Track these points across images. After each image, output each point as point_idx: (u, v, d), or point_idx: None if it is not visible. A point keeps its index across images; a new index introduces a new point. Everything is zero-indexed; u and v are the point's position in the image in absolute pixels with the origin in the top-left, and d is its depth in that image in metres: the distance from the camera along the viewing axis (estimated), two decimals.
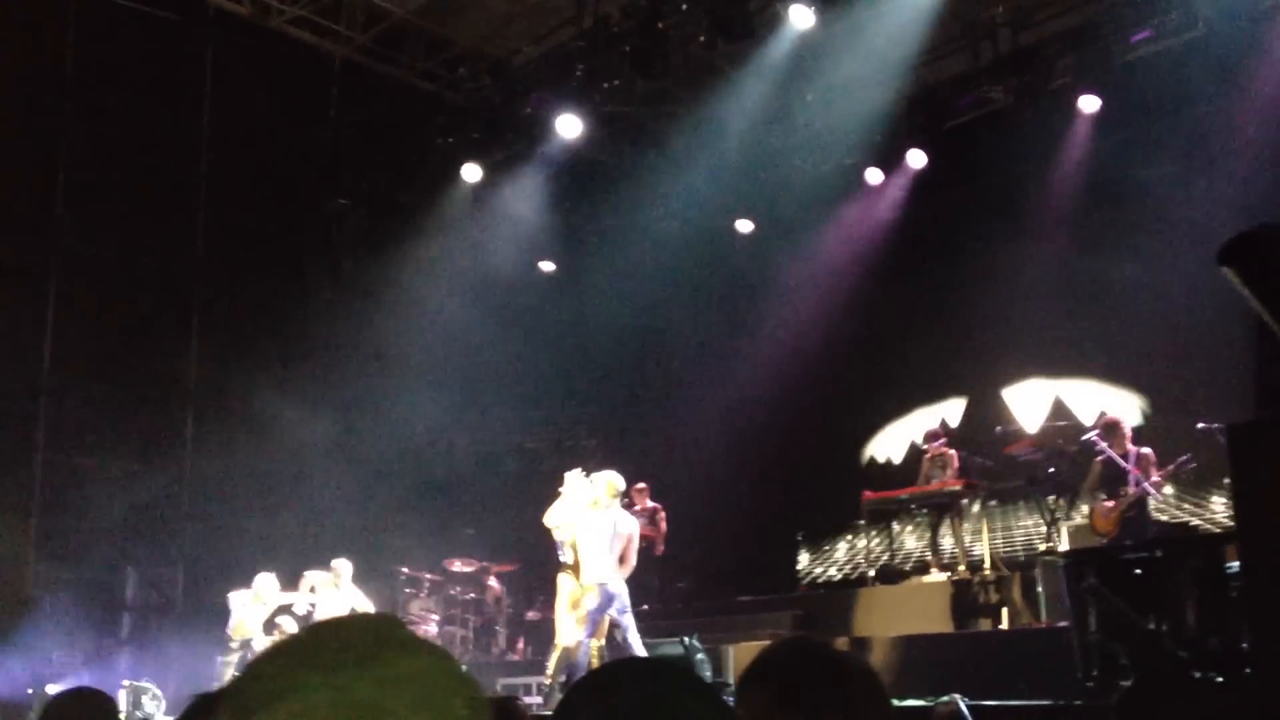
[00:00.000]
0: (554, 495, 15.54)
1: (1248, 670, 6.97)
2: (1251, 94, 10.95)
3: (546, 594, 14.24)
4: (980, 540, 12.05)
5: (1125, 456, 10.27)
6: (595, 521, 9.97)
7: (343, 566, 12.39)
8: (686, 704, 1.33)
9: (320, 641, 0.98)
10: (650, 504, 13.83)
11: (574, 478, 10.53)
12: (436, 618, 14.19)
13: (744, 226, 15.18)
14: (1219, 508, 11.24)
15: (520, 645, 14.41)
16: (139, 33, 13.38)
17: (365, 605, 12.50)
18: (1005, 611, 10.54)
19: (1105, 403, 11.92)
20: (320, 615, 12.42)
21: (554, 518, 10.52)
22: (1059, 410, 12.95)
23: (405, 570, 14.41)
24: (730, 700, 2.20)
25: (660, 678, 1.38)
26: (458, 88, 13.94)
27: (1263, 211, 10.61)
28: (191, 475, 13.77)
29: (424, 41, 14.20)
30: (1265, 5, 11.02)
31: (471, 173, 14.12)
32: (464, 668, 1.04)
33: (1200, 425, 10.28)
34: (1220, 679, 6.69)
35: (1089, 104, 11.80)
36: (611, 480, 10.17)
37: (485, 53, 14.05)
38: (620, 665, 1.50)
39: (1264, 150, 11.07)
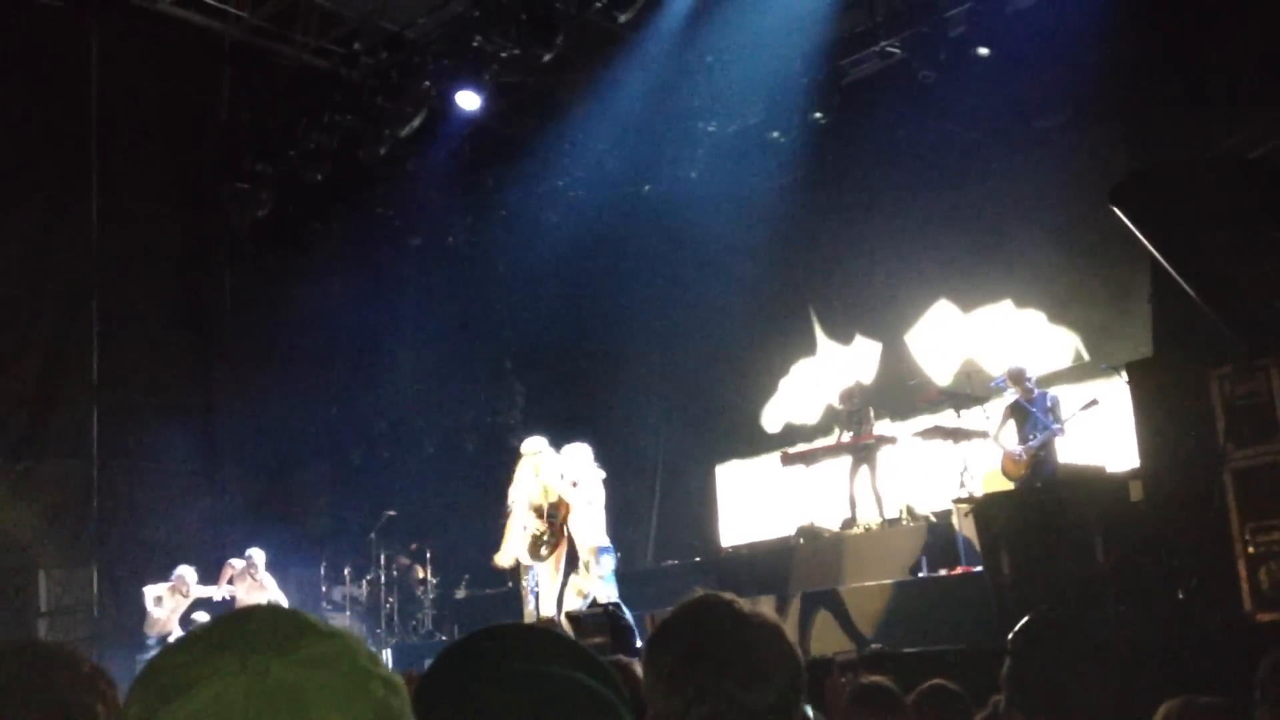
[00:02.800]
0: (476, 472, 15.66)
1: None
2: (1136, 41, 11.13)
3: (473, 574, 14.24)
4: (897, 491, 12.22)
5: (1032, 402, 10.49)
6: (586, 492, 10.66)
7: (258, 555, 12.25)
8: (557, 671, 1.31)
9: (232, 629, 0.98)
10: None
11: (538, 449, 10.99)
12: (361, 598, 14.09)
13: (650, 191, 15.15)
14: (1126, 446, 11.52)
15: (449, 626, 14.36)
16: (21, 16, 12.98)
17: (280, 595, 12.39)
18: (924, 560, 10.72)
19: (1017, 348, 12.11)
20: (240, 606, 12.28)
21: (535, 493, 10.79)
22: (968, 359, 13.16)
23: (325, 555, 14.27)
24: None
25: (534, 645, 1.36)
26: (353, 64, 13.70)
27: (1150, 155, 10.86)
28: (100, 472, 13.46)
29: (316, 18, 13.92)
30: None
31: (373, 149, 13.92)
32: (376, 651, 1.03)
33: (1103, 366, 10.53)
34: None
35: (984, 54, 11.90)
36: (586, 451, 10.89)
37: (379, 27, 13.81)
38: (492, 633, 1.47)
39: (1152, 92, 11.28)
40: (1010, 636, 2.34)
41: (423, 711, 1.13)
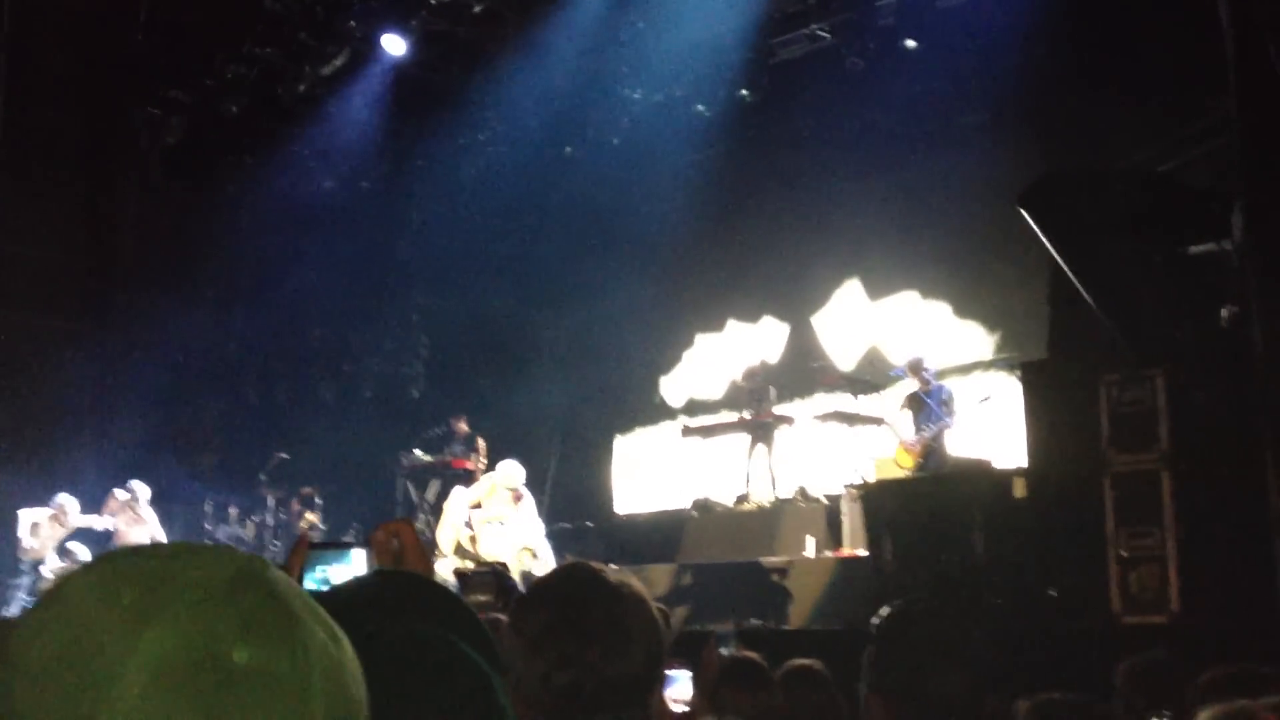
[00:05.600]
0: (373, 420, 15.52)
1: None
2: (1058, 48, 11.29)
3: (363, 522, 14.13)
4: (792, 471, 12.36)
5: (929, 393, 10.67)
6: (526, 508, 11.12)
7: (141, 489, 12.01)
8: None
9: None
10: (466, 430, 13.81)
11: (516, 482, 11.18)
12: (247, 539, 13.91)
13: (571, 154, 15.05)
14: (1015, 443, 11.77)
15: None
16: None
17: (160, 531, 12.18)
18: (811, 540, 10.87)
19: (921, 338, 12.28)
20: (121, 540, 12.04)
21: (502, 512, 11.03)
22: (872, 346, 13.33)
23: (212, 494, 14.06)
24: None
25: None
26: None
27: (1065, 160, 11.04)
28: None
29: None
30: None
31: (292, 85, 13.65)
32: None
33: (998, 362, 10.74)
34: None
35: (911, 46, 11.99)
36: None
37: None
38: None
39: (1070, 98, 11.46)
40: (875, 622, 2.38)
41: None
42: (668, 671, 3.60)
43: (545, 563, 10.67)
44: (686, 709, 3.67)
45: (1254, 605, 6.21)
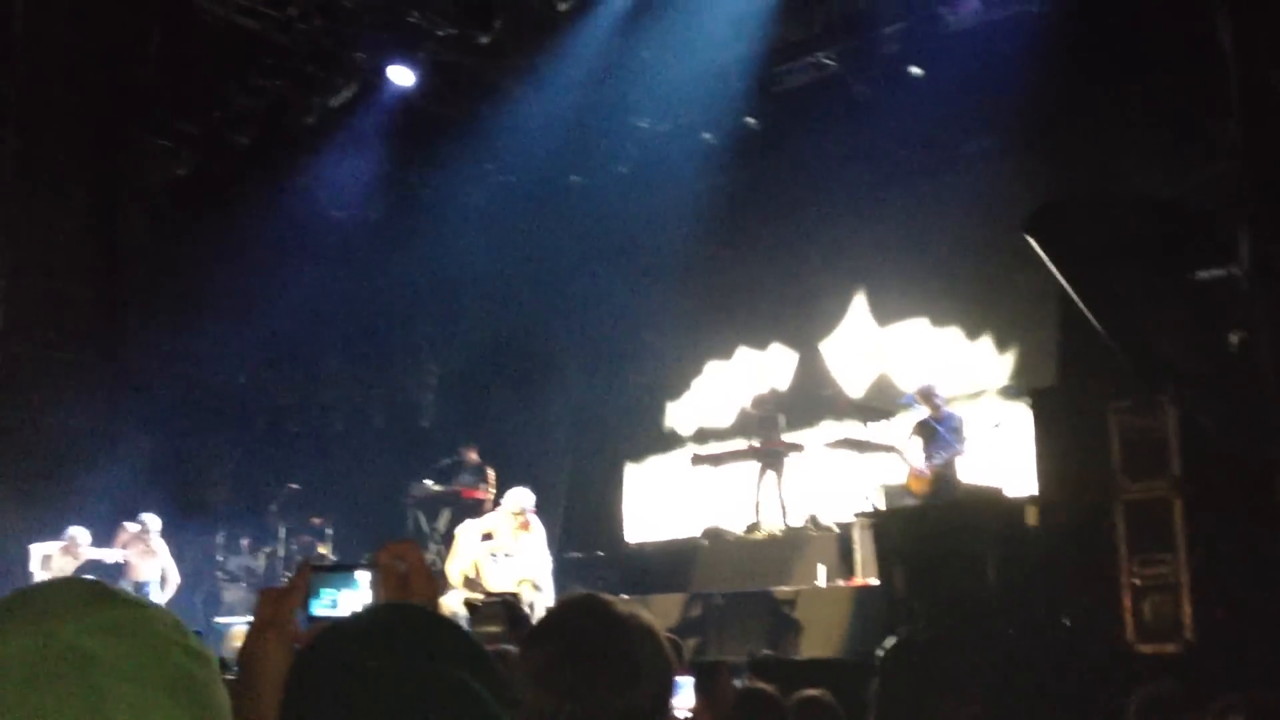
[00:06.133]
0: (383, 449, 15.51)
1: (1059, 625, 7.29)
2: (1064, 74, 11.31)
3: (373, 551, 14.08)
4: (802, 499, 12.33)
5: (939, 420, 10.63)
6: (535, 537, 11.05)
7: (152, 521, 12.02)
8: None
9: (27, 597, 0.96)
10: (477, 460, 13.81)
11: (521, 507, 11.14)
12: (258, 571, 13.90)
13: (578, 182, 15.10)
14: (1026, 471, 11.73)
15: None
16: None
17: (172, 562, 12.19)
18: (822, 569, 10.83)
19: (931, 365, 12.27)
20: (133, 573, 12.06)
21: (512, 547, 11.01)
22: (882, 373, 13.31)
23: (224, 525, 14.06)
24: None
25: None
26: (286, 28, 13.46)
27: (1071, 186, 11.06)
28: None
29: None
30: None
31: (300, 117, 13.72)
32: (181, 622, 1.02)
33: (1010, 390, 10.71)
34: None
35: (916, 73, 12.02)
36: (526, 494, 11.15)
37: None
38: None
39: (1075, 124, 11.48)
40: (879, 655, 2.37)
41: (293, 701, 1.11)
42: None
43: (547, 595, 10.63)
44: (690, 715, 3.66)
45: (1267, 633, 6.17)
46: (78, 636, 0.91)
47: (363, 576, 1.70)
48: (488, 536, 11.15)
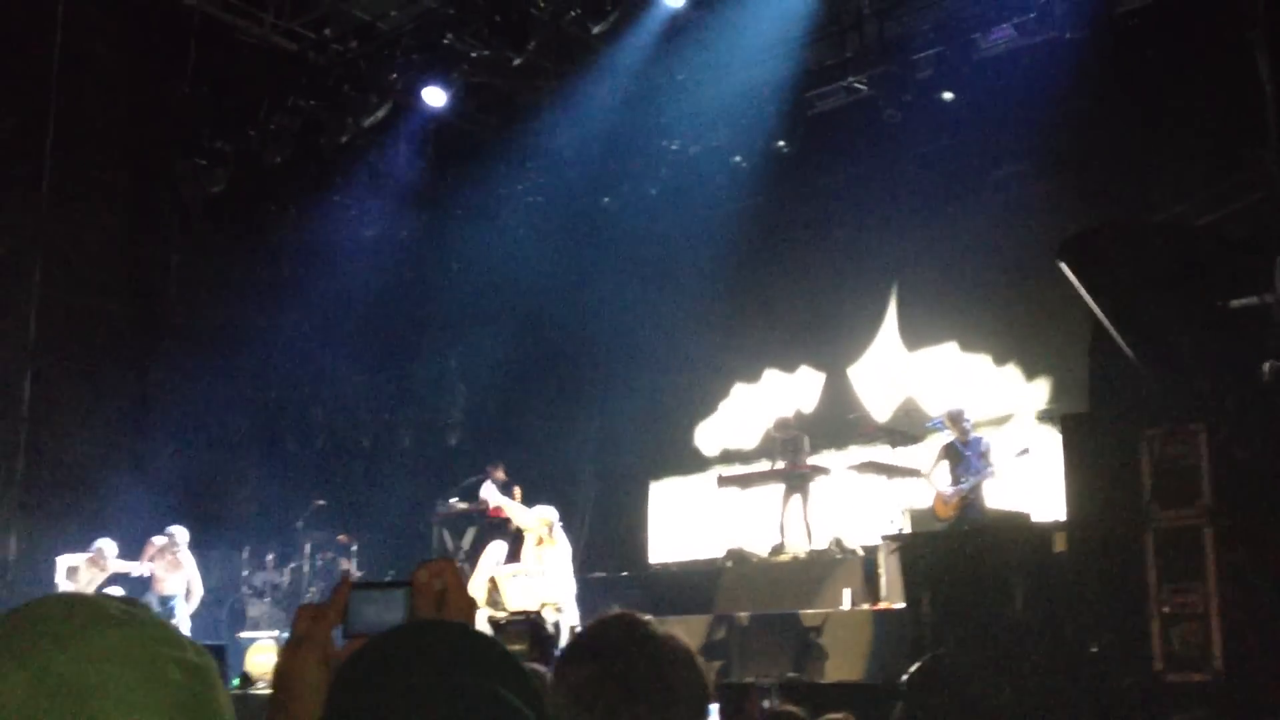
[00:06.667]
0: (411, 467, 15.58)
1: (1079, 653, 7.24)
2: (1096, 100, 11.30)
3: (399, 570, 14.13)
4: (828, 522, 12.30)
5: (966, 444, 10.61)
6: (560, 554, 10.99)
7: (180, 534, 12.08)
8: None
9: (14, 624, 0.94)
10: (503, 478, 13.81)
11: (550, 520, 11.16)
12: (283, 586, 13.94)
13: (609, 204, 15.16)
14: (1054, 497, 11.68)
15: None
16: None
17: (197, 576, 12.25)
18: (848, 593, 10.79)
19: (959, 390, 12.23)
20: (159, 586, 12.12)
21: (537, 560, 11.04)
22: (909, 397, 13.28)
23: (250, 540, 14.11)
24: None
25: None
26: (322, 49, 13.61)
27: (1103, 213, 11.02)
28: (28, 437, 13.23)
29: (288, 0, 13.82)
30: (1119, 10, 11.38)
31: (334, 136, 13.83)
32: (178, 632, 1.00)
33: (1040, 414, 10.66)
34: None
35: (948, 98, 12.03)
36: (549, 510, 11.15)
37: (351, 15, 13.73)
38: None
39: (1108, 151, 11.46)
40: (903, 679, 2.37)
41: (333, 716, 1.11)
42: None
43: (570, 616, 10.62)
44: None
45: None
46: (72, 667, 0.90)
47: (400, 594, 1.72)
48: (517, 535, 11.20)
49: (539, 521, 10.94)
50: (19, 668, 0.89)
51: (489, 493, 11.87)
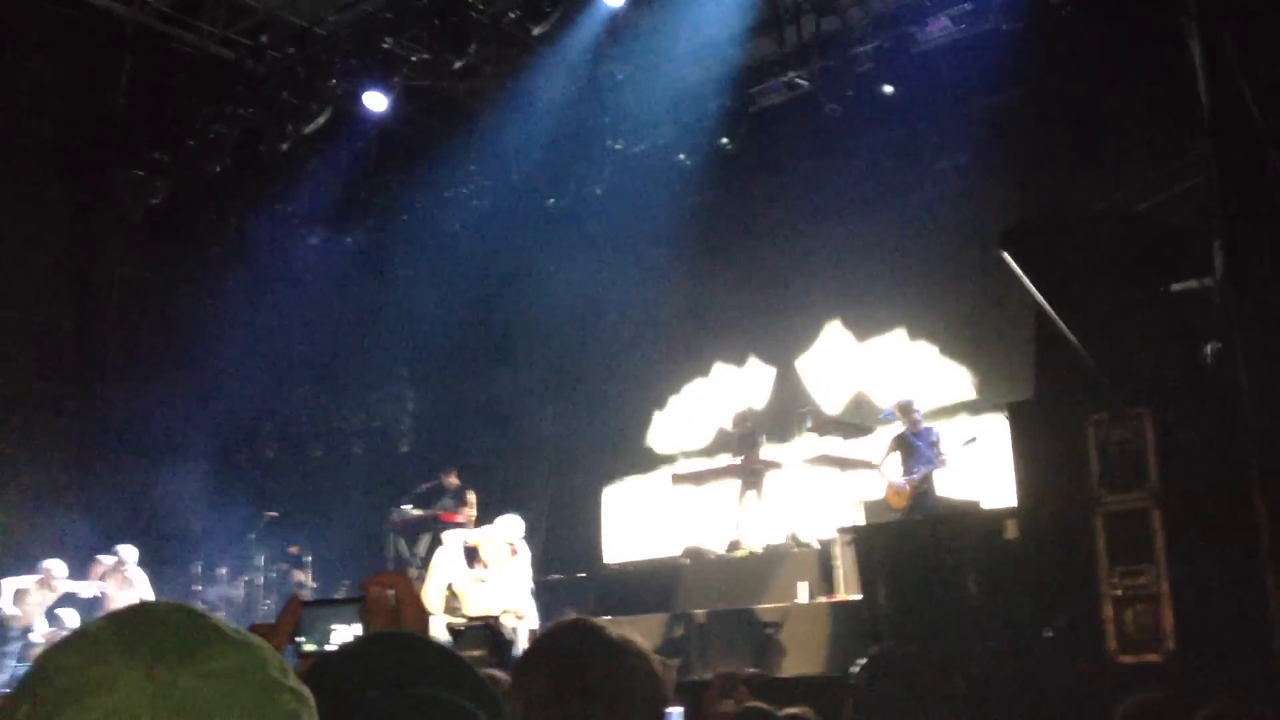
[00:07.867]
0: (362, 476, 15.48)
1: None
2: (1034, 91, 11.42)
3: (353, 580, 14.03)
4: (783, 516, 12.34)
5: (917, 435, 10.69)
6: (521, 563, 11.05)
7: (128, 552, 11.92)
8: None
9: (134, 631, 0.93)
10: (457, 483, 13.77)
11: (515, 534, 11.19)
12: (238, 600, 13.80)
13: (554, 205, 15.12)
14: (1004, 484, 11.79)
15: None
16: None
17: (150, 593, 12.08)
18: (804, 586, 10.84)
19: (908, 380, 12.32)
20: (110, 605, 11.94)
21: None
22: (859, 389, 13.35)
23: (202, 555, 13.95)
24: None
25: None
26: (260, 57, 13.47)
27: (1044, 202, 11.15)
28: None
29: (223, 8, 13.66)
30: (1053, 2, 11.50)
31: (274, 144, 13.70)
32: (284, 659, 0.99)
33: (987, 403, 10.76)
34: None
35: (889, 91, 12.10)
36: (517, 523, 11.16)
37: (288, 21, 13.60)
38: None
39: (1048, 140, 11.58)
40: (852, 673, 2.38)
41: None
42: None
43: (530, 620, 10.60)
44: None
45: (1247, 642, 6.21)
46: (195, 682, 0.89)
47: (352, 610, 1.70)
48: (473, 550, 11.13)
49: (506, 538, 10.94)
50: (145, 679, 0.89)
51: (488, 554, 11.54)
